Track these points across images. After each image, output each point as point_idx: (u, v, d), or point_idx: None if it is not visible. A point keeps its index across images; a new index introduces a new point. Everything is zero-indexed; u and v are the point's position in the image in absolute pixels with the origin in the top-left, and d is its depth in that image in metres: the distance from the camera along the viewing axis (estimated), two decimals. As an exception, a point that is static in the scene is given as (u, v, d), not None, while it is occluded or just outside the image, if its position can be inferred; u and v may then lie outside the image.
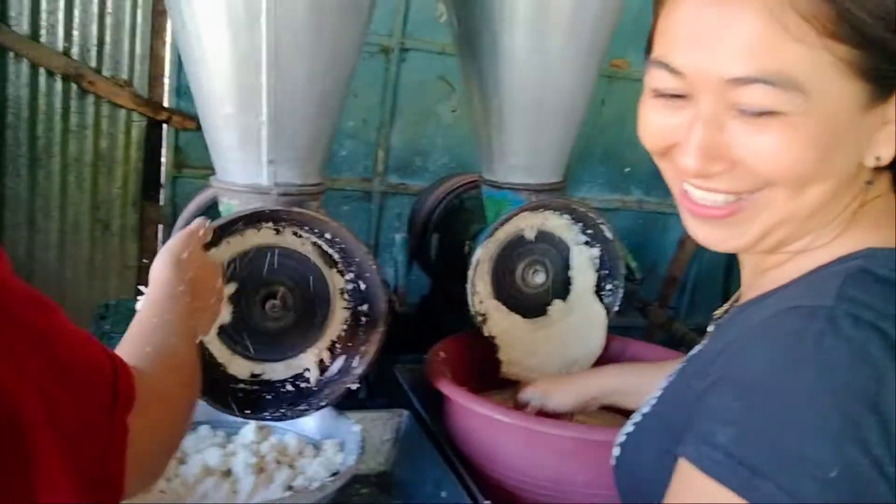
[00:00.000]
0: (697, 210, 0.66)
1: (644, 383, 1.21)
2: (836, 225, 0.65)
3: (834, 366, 0.53)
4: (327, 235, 1.20)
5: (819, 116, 0.58)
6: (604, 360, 1.58)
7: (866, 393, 0.52)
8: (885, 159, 0.61)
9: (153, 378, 0.70)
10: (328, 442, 1.27)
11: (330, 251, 1.23)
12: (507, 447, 1.24)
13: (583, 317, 1.57)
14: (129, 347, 0.76)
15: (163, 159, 2.31)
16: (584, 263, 1.58)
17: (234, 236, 1.17)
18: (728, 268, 2.85)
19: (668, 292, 2.56)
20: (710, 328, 0.81)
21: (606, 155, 2.80)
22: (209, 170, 2.24)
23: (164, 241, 2.34)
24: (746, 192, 0.63)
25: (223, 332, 1.18)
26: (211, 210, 1.47)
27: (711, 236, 0.67)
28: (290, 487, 1.18)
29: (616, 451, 0.80)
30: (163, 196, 2.35)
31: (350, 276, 1.24)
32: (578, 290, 1.58)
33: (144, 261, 2.39)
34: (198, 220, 1.08)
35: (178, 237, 1.02)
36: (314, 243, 1.22)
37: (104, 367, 0.60)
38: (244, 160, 1.18)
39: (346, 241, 1.20)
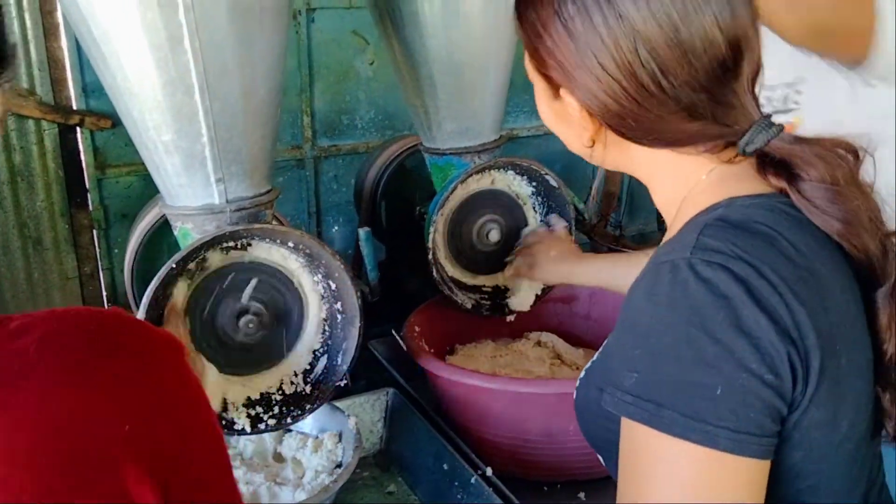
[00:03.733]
0: None
1: (621, 275, 1.33)
2: (670, 177, 0.79)
3: (699, 306, 0.64)
4: (290, 244, 1.20)
5: (537, 93, 0.85)
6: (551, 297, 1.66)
7: (729, 321, 0.63)
8: (587, 144, 0.81)
9: None
10: (326, 435, 1.31)
11: (294, 256, 1.23)
12: (497, 411, 1.30)
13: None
14: None
15: (83, 163, 2.22)
16: (534, 214, 1.62)
17: (196, 261, 1.17)
18: (659, 174, 2.94)
19: (608, 209, 2.63)
20: None
21: (527, 83, 2.79)
22: (133, 166, 2.20)
23: (100, 247, 2.29)
24: None
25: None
26: (164, 227, 1.44)
27: None
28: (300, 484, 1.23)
29: (575, 390, 0.91)
30: (91, 201, 2.26)
31: (319, 277, 1.25)
32: (533, 240, 1.63)
33: (85, 270, 2.32)
34: None
35: None
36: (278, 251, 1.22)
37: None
38: (192, 183, 1.16)
39: (310, 247, 1.20)
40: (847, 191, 0.71)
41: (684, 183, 0.78)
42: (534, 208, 1.62)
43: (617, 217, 2.76)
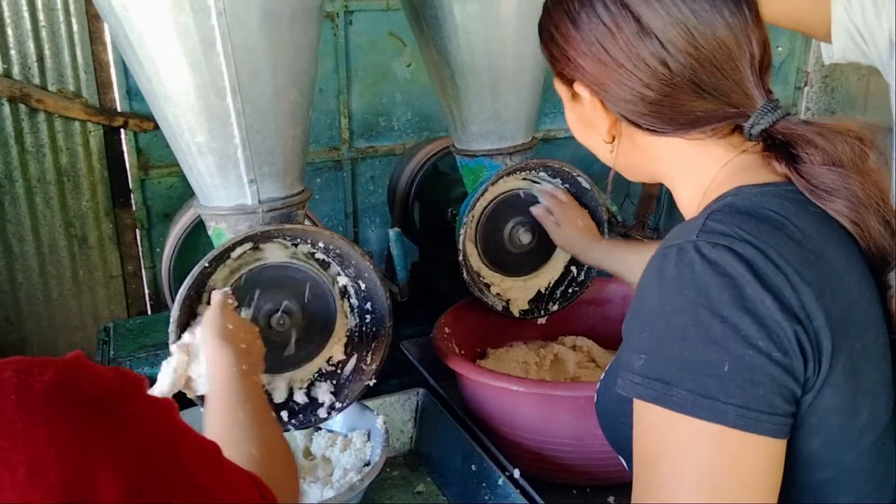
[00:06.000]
0: None
1: (630, 263, 1.37)
2: (687, 171, 0.81)
3: (705, 286, 0.65)
4: (321, 244, 1.22)
5: (565, 105, 0.87)
6: (583, 300, 1.65)
7: (734, 300, 0.64)
8: (606, 139, 0.83)
9: (274, 481, 0.73)
10: (355, 433, 1.33)
11: (325, 257, 1.24)
12: (526, 413, 1.29)
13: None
14: (236, 454, 0.76)
15: (126, 164, 2.28)
16: (567, 215, 1.61)
17: (229, 261, 1.19)
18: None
19: (646, 212, 2.61)
20: None
21: (565, 83, 2.79)
22: (175, 167, 2.24)
23: (142, 246, 2.34)
24: None
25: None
26: (198, 228, 1.48)
27: None
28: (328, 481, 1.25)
29: (596, 392, 0.92)
30: (134, 201, 2.32)
31: (349, 277, 1.26)
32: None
33: (128, 268, 2.38)
34: (219, 294, 1.13)
35: (212, 314, 1.08)
36: (309, 251, 1.24)
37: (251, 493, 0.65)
38: (225, 184, 1.18)
39: (340, 247, 1.21)
40: (847, 171, 0.72)
41: (703, 177, 0.79)
42: (566, 210, 1.61)
43: (655, 219, 2.73)
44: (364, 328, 1.29)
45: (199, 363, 1.08)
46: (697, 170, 0.80)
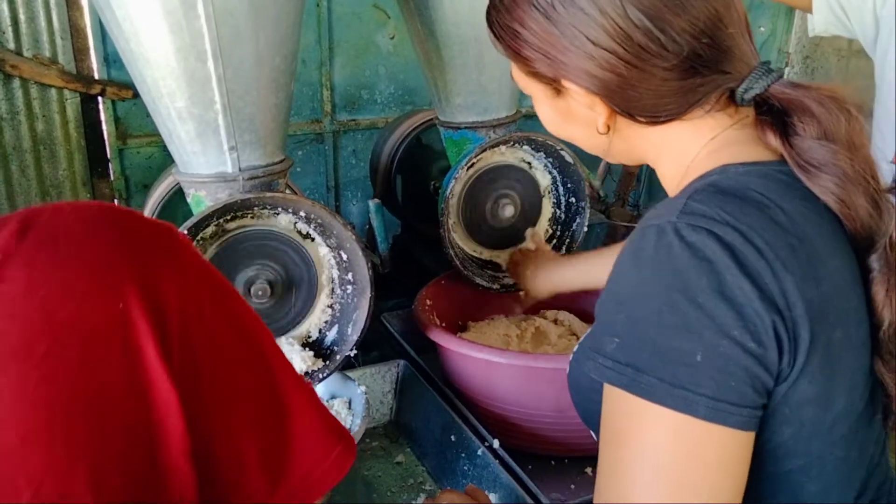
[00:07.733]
0: None
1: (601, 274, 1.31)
2: (670, 149, 0.78)
3: (682, 270, 0.63)
4: (302, 213, 1.21)
5: (536, 100, 0.83)
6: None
7: (712, 286, 0.62)
8: (602, 130, 0.79)
9: None
10: (336, 401, 1.32)
11: (306, 226, 1.23)
12: (507, 385, 1.30)
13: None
14: None
15: (104, 133, 2.24)
16: (549, 189, 1.61)
17: (209, 229, 1.17)
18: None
19: (627, 189, 2.60)
20: None
21: (550, 59, 2.78)
22: (154, 137, 2.21)
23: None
24: None
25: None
26: (176, 196, 1.46)
27: None
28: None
29: (569, 364, 0.90)
30: (112, 170, 2.29)
31: (330, 247, 1.25)
32: (547, 215, 1.62)
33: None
34: None
35: None
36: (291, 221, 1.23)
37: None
38: (205, 151, 1.17)
39: (321, 216, 1.21)
40: (838, 147, 0.69)
41: (686, 154, 0.76)
42: (550, 183, 1.61)
43: (635, 196, 2.73)
44: (345, 298, 1.28)
45: None
46: (680, 147, 0.77)
